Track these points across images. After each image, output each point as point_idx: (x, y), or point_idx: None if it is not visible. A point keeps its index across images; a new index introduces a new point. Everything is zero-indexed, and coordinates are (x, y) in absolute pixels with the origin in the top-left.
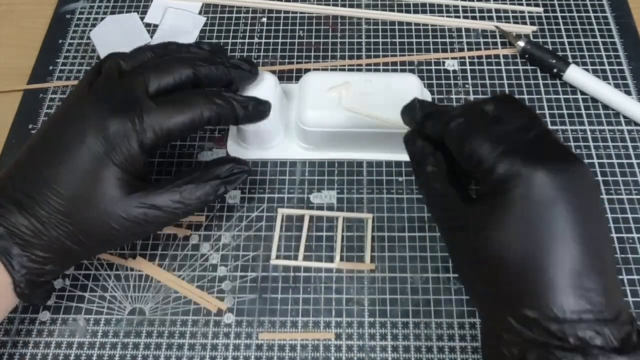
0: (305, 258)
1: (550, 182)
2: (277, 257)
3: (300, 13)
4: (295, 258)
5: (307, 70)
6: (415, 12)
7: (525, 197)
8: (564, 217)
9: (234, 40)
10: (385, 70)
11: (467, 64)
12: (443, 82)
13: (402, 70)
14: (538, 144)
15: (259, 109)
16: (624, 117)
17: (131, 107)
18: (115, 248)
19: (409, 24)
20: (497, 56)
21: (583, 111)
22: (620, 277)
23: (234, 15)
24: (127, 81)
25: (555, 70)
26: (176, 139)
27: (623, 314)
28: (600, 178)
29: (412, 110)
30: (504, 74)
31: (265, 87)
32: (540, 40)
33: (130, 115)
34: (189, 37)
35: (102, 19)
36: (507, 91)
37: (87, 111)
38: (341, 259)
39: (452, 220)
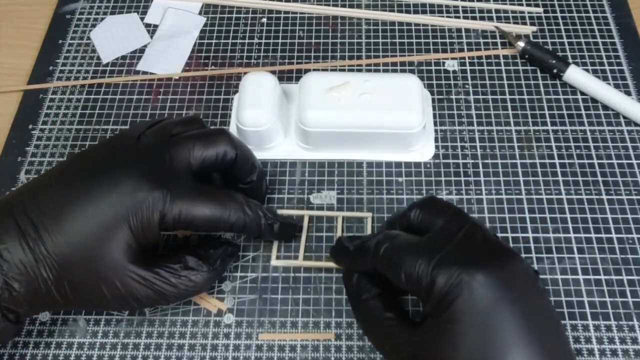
0: (306, 258)
1: (491, 283)
2: (277, 257)
3: (300, 13)
4: (296, 258)
5: (307, 70)
6: (415, 12)
7: (470, 306)
8: (512, 318)
9: (234, 41)
10: (385, 71)
11: (467, 64)
12: (443, 82)
13: (402, 70)
14: (470, 244)
15: (285, 231)
16: (624, 117)
17: (168, 181)
18: (96, 312)
19: (409, 24)
20: (497, 56)
21: (583, 111)
22: (620, 277)
23: (234, 15)
24: (173, 148)
25: (555, 71)
26: (195, 229)
27: None
28: (600, 178)
29: (340, 251)
30: (504, 74)
31: (265, 87)
32: (540, 40)
33: (164, 189)
34: (189, 37)
35: (102, 19)
36: (507, 91)
37: (126, 167)
38: None
39: (402, 349)
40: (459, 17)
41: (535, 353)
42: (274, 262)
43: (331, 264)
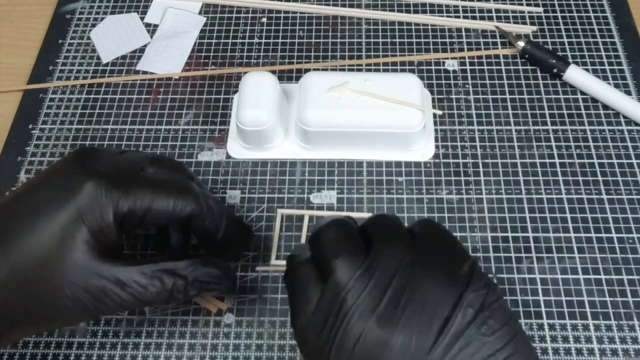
0: None
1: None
2: (277, 257)
3: (300, 13)
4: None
5: (307, 70)
6: (415, 12)
7: None
8: None
9: (234, 40)
10: (385, 70)
11: (467, 64)
12: (443, 82)
13: (402, 70)
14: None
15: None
16: (624, 117)
17: (119, 174)
18: (61, 325)
19: (409, 24)
20: (497, 56)
21: (583, 111)
22: (620, 277)
23: (234, 15)
24: (124, 156)
25: (555, 70)
26: (154, 222)
27: None
28: (600, 178)
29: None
30: (504, 74)
31: (265, 87)
32: (540, 40)
33: (115, 181)
34: (189, 37)
35: (102, 19)
36: (507, 91)
37: (71, 171)
38: None
39: None
40: (459, 17)
41: None
42: (274, 262)
43: None
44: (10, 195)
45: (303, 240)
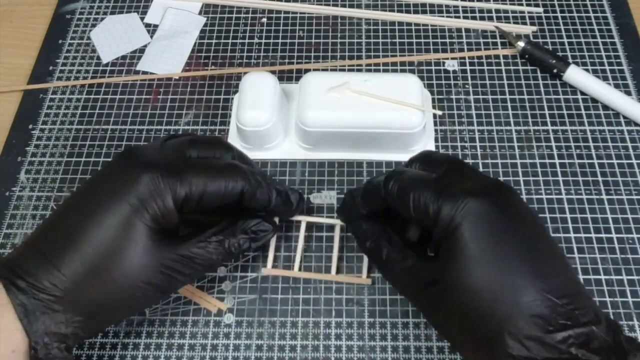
0: (306, 260)
1: (496, 207)
2: (274, 266)
3: (300, 13)
4: (294, 260)
5: (307, 70)
6: (415, 12)
7: (477, 227)
8: (518, 239)
9: (234, 40)
10: (385, 71)
11: (467, 64)
12: (443, 82)
13: (402, 70)
14: (474, 180)
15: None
16: (624, 117)
17: (170, 163)
18: (135, 311)
19: (409, 24)
20: (497, 56)
21: (583, 111)
22: (620, 277)
23: (234, 15)
24: (167, 145)
25: (555, 71)
26: (209, 204)
27: (601, 317)
28: (600, 178)
29: (348, 202)
30: (504, 74)
31: (265, 87)
32: (540, 40)
33: (169, 170)
34: (189, 37)
35: (102, 19)
36: (507, 91)
37: (124, 167)
38: (339, 268)
39: (420, 277)
40: (459, 17)
41: (542, 273)
42: (268, 272)
43: (327, 276)
44: (69, 198)
45: (300, 243)
